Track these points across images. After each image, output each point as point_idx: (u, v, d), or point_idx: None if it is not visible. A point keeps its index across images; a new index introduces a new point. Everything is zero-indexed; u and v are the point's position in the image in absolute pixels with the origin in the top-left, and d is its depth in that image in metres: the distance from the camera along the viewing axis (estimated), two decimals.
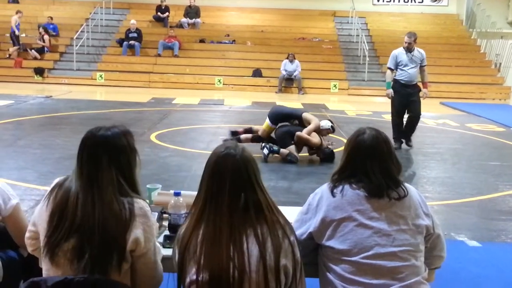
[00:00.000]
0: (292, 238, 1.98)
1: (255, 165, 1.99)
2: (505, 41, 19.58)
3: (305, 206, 2.33)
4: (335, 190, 2.25)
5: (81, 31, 17.87)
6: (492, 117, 11.41)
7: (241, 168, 1.95)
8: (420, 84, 8.37)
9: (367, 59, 17.20)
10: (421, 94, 8.25)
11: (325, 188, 2.30)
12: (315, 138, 7.05)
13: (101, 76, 16.97)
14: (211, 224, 1.91)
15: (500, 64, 18.85)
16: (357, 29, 18.89)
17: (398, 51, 8.25)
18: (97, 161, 2.06)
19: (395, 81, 8.29)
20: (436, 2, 21.26)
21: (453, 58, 18.27)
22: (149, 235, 2.05)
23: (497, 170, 7.13)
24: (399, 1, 21.27)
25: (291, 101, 14.50)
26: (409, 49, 8.10)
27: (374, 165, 2.23)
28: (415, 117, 8.31)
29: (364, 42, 17.67)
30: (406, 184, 2.30)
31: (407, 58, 8.13)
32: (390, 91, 8.32)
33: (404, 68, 8.14)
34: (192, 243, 1.91)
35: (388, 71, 8.37)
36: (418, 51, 8.18)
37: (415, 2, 21.25)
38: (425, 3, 21.20)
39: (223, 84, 17.00)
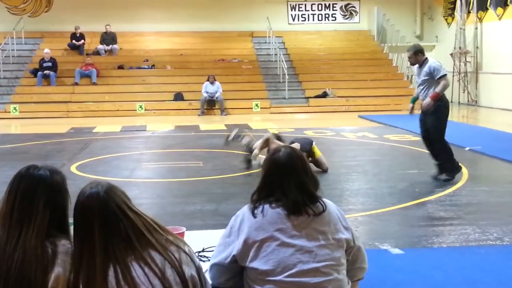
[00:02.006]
0: (187, 249, 2.03)
1: (123, 194, 2.03)
2: None
3: (227, 229, 2.33)
4: (255, 211, 2.26)
5: None
6: (407, 127, 11.87)
7: (108, 201, 1.97)
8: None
9: (287, 77, 17.54)
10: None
11: (245, 209, 2.31)
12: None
13: (15, 108, 16.31)
14: (87, 270, 1.91)
15: (412, 76, 19.73)
16: (275, 49, 19.26)
17: (416, 65, 7.18)
18: (33, 200, 1.98)
19: None
20: (348, 19, 22.04)
21: (367, 73, 18.96)
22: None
23: (415, 178, 7.42)
24: (313, 20, 21.91)
25: (214, 123, 14.53)
26: (414, 64, 7.11)
27: (290, 182, 2.27)
28: (431, 140, 7.12)
29: (282, 61, 18.02)
30: (325, 199, 2.35)
31: (417, 72, 7.17)
32: (409, 106, 7.47)
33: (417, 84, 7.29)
34: None
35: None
36: (428, 65, 6.89)
37: (328, 20, 21.94)
38: (338, 21, 21.93)
39: (145, 109, 16.79)
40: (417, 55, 6.97)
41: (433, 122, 6.95)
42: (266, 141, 7.65)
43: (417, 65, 7.04)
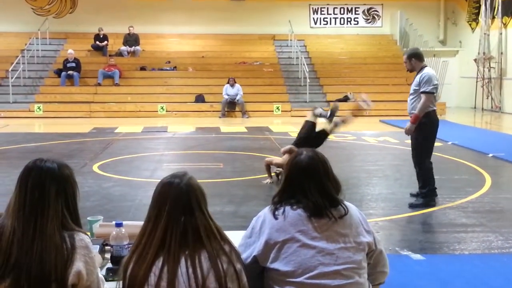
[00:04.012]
0: (238, 266, 2.04)
1: (200, 193, 2.09)
2: (437, 59, 20.38)
3: (249, 230, 2.34)
4: (276, 212, 2.27)
5: (17, 63, 17.43)
6: None
7: (183, 193, 2.03)
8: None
9: (308, 80, 17.52)
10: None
11: (266, 210, 2.32)
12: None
13: (39, 107, 16.55)
14: (141, 249, 1.99)
15: None
16: (296, 52, 19.25)
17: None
18: (44, 191, 2.02)
19: None
20: (370, 23, 21.95)
21: (389, 77, 18.85)
22: (91, 268, 2.01)
23: (436, 184, 7.33)
24: (335, 24, 21.84)
25: (235, 125, 14.56)
26: (411, 71, 6.10)
27: (311, 185, 2.27)
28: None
29: (304, 64, 18.00)
30: (346, 203, 2.34)
31: (413, 82, 6.08)
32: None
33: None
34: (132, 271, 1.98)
35: None
36: (422, 73, 5.89)
37: (350, 24, 21.87)
38: (360, 25, 21.85)
39: (166, 111, 16.90)
40: (411, 60, 5.98)
41: (414, 146, 6.08)
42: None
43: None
